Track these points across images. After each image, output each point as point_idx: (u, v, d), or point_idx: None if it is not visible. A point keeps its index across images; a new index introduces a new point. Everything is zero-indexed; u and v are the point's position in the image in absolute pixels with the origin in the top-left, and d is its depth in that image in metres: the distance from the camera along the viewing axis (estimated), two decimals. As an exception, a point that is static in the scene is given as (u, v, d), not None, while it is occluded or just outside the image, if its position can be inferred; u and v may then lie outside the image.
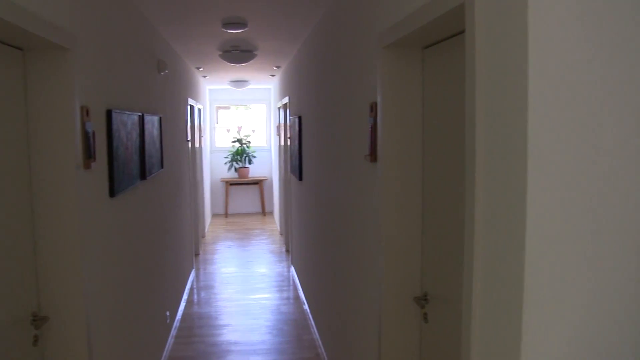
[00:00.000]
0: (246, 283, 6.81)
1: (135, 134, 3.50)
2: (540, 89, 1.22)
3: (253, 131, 12.01)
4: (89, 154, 2.49)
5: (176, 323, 5.37)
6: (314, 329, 5.13)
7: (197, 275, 7.17)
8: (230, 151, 11.67)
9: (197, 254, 8.17)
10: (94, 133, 2.56)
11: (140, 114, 3.66)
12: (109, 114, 2.86)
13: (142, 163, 3.73)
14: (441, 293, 2.22)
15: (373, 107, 2.55)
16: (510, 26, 1.29)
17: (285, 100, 7.61)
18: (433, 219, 2.29)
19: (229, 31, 4.66)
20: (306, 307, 5.75)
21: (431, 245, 2.32)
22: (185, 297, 6.18)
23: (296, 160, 6.30)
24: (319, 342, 4.80)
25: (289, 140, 7.42)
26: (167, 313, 4.88)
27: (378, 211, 2.49)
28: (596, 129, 1.24)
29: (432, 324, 2.32)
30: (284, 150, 8.35)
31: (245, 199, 11.97)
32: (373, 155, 2.58)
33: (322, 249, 4.58)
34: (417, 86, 2.37)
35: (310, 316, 5.46)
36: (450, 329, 2.13)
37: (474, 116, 1.47)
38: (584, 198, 1.26)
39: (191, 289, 6.60)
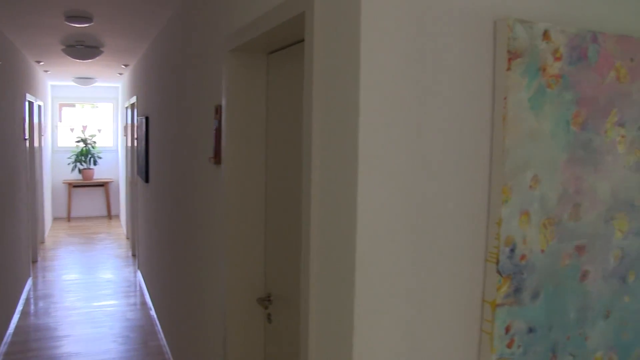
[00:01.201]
0: (90, 290, 6.47)
1: (-41, 131, 3.21)
2: (370, 96, 1.29)
3: (99, 131, 11.43)
4: None
5: (7, 338, 4.97)
6: (161, 335, 5.00)
7: (34, 284, 6.69)
8: (74, 151, 11.03)
9: (34, 261, 7.62)
10: None
11: (-34, 109, 3.36)
12: None
13: (-32, 163, 3.43)
14: (283, 293, 2.27)
15: (218, 110, 2.56)
16: (344, 35, 1.36)
17: (133, 99, 7.35)
18: (275, 221, 2.34)
19: (72, 25, 4.42)
20: (153, 312, 5.59)
21: (274, 246, 2.37)
22: (19, 308, 5.74)
23: (143, 162, 6.11)
24: (166, 348, 4.68)
25: (135, 141, 7.17)
26: (-2, 325, 4.51)
27: (221, 213, 2.50)
28: (419, 133, 1.34)
29: (276, 323, 2.37)
30: (131, 152, 8.05)
31: (89, 202, 11.36)
32: (217, 157, 2.59)
33: (168, 252, 4.49)
34: (262, 90, 2.41)
35: (157, 322, 5.32)
36: (293, 328, 2.19)
37: (311, 122, 1.52)
38: (411, 201, 1.35)
39: (27, 299, 6.15)
